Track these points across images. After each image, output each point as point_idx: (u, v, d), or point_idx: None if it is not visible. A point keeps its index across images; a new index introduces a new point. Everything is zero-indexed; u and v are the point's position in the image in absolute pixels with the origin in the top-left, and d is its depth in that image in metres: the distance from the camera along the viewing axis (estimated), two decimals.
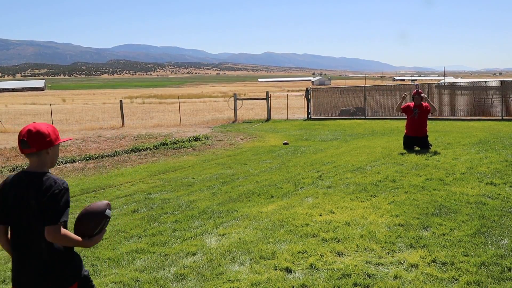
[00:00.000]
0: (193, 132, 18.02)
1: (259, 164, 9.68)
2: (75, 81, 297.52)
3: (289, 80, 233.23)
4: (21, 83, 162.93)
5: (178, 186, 7.79)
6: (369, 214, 5.24)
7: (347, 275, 3.62)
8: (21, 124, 24.52)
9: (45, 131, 2.41)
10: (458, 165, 7.72)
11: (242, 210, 5.78)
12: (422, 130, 9.72)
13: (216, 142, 14.49)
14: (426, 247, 4.12)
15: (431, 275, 3.56)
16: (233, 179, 8.11)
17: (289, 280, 3.61)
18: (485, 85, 26.77)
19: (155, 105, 44.59)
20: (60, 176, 9.70)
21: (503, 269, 3.59)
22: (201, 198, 6.72)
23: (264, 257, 4.10)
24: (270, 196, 6.51)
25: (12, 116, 30.44)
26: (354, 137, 14.26)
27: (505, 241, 4.19)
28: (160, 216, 5.82)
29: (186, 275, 3.83)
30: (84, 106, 44.67)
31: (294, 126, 19.22)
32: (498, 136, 11.70)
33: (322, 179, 7.38)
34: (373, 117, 21.99)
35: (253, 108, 29.99)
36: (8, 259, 4.68)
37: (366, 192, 6.27)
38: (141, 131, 18.76)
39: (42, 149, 2.40)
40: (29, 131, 2.37)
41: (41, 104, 50.73)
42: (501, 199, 5.57)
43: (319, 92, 25.51)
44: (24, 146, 2.38)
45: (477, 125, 16.24)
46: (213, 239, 4.73)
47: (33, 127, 2.39)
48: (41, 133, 2.39)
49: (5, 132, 20.51)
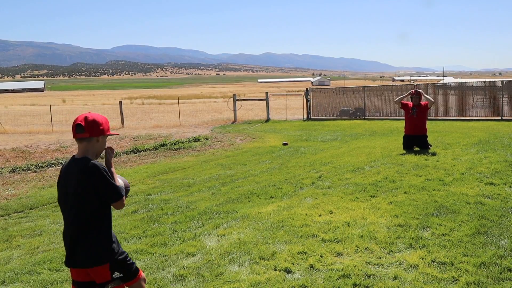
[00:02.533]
0: (192, 132, 18.02)
1: (259, 164, 9.68)
2: (75, 82, 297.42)
3: (288, 80, 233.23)
4: (21, 84, 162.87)
5: (178, 187, 7.79)
6: (369, 214, 5.24)
7: (347, 276, 3.62)
8: (20, 125, 24.52)
9: (99, 120, 2.65)
10: (458, 165, 7.72)
11: (241, 211, 5.77)
12: (421, 129, 9.71)
13: (215, 142, 14.49)
14: (426, 248, 4.11)
15: (430, 276, 3.56)
16: (232, 179, 8.10)
17: (288, 281, 3.61)
18: (484, 85, 26.78)
19: (155, 106, 44.60)
20: None
21: (502, 269, 3.59)
22: (200, 199, 6.72)
23: (264, 257, 4.10)
24: (270, 197, 6.51)
25: (12, 117, 30.42)
26: (353, 137, 14.26)
27: (504, 241, 4.19)
28: (159, 217, 5.82)
29: (185, 275, 3.82)
30: (83, 107, 44.64)
31: (294, 127, 19.22)
32: (498, 136, 11.71)
33: (321, 180, 7.38)
34: (372, 118, 21.99)
35: (252, 108, 29.99)
36: (8, 260, 4.68)
37: (365, 193, 6.27)
38: (141, 132, 18.75)
39: (93, 136, 2.62)
40: (86, 117, 2.62)
41: (40, 105, 50.72)
42: (501, 199, 5.57)
43: (318, 92, 25.50)
44: (78, 131, 2.61)
45: (477, 125, 16.25)
46: (213, 239, 4.72)
47: (90, 115, 2.64)
48: (96, 121, 2.63)
49: (5, 133, 20.50)
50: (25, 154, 13.23)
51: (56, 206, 7.03)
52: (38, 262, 4.42)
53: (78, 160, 2.62)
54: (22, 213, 6.80)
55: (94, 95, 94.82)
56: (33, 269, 4.24)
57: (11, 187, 8.77)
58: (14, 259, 4.67)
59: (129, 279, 2.77)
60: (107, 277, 2.68)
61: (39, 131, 20.87)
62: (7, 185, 8.99)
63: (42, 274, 4.11)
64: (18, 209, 7.00)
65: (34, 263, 4.39)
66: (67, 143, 15.77)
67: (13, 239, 5.44)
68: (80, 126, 2.59)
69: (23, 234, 5.62)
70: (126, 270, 2.75)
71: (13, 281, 4.00)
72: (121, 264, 2.73)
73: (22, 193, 8.16)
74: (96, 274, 2.66)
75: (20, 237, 5.52)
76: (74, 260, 2.66)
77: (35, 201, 7.38)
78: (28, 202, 7.34)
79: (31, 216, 6.52)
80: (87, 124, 2.60)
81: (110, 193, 2.60)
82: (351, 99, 24.40)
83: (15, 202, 7.42)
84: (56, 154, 13.02)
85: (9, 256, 4.80)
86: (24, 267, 4.30)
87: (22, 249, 5.04)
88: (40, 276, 4.06)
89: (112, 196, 2.61)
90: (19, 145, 15.58)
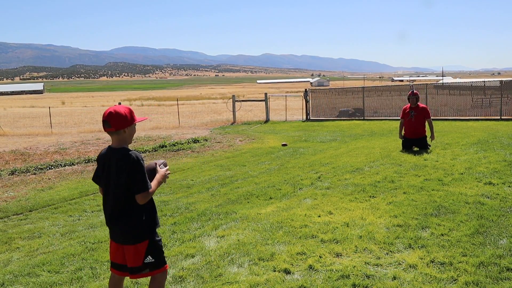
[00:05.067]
0: (192, 134, 18.02)
1: (258, 165, 9.69)
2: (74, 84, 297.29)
3: (287, 81, 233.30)
4: (20, 86, 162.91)
5: (177, 188, 7.79)
6: (368, 215, 5.24)
7: (346, 276, 3.62)
8: (20, 127, 24.51)
9: (122, 113, 2.82)
10: (457, 165, 7.73)
11: (241, 212, 5.78)
12: (419, 131, 9.68)
13: (215, 143, 14.50)
14: (425, 248, 4.12)
15: (429, 276, 3.56)
16: (232, 180, 8.11)
17: (287, 282, 3.61)
18: (483, 85, 26.80)
19: (154, 107, 44.60)
20: (59, 179, 9.70)
21: (501, 269, 3.59)
22: (200, 200, 6.72)
23: (263, 258, 4.10)
24: (269, 198, 6.51)
25: (11, 119, 30.42)
26: (352, 138, 14.27)
27: (503, 241, 4.19)
28: (159, 218, 5.81)
29: (185, 277, 3.82)
30: (83, 109, 44.64)
31: (293, 128, 19.23)
32: (497, 136, 11.71)
33: (321, 180, 7.38)
34: (371, 118, 22.01)
35: (252, 109, 30.00)
36: (7, 262, 4.67)
37: (364, 193, 6.27)
38: (140, 133, 18.75)
39: (119, 129, 2.83)
40: (110, 113, 2.81)
41: (40, 107, 50.71)
42: (500, 199, 5.57)
43: (317, 93, 25.52)
44: (106, 126, 2.83)
45: (476, 125, 16.26)
46: (212, 241, 4.72)
47: (114, 110, 2.82)
48: (119, 115, 2.81)
49: (4, 135, 20.49)
50: (24, 156, 13.23)
51: (56, 208, 7.03)
52: (37, 264, 4.42)
53: (116, 150, 2.86)
54: (21, 215, 6.80)
55: (93, 96, 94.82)
56: (32, 271, 4.24)
57: (11, 189, 8.77)
58: (13, 261, 4.66)
59: (159, 266, 2.93)
60: (140, 260, 2.85)
61: (38, 133, 20.86)
62: (6, 187, 8.99)
63: (42, 276, 4.10)
64: (17, 211, 7.00)
65: (33, 265, 4.39)
66: (66, 145, 15.77)
67: (13, 241, 5.44)
68: (106, 122, 2.81)
69: (22, 236, 5.62)
70: (158, 255, 2.92)
71: (13, 283, 4.00)
72: (157, 247, 2.92)
73: (21, 195, 8.16)
74: (130, 253, 2.85)
75: (20, 239, 5.51)
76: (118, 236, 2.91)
77: (35, 203, 7.38)
78: (27, 204, 7.34)
79: (30, 218, 6.52)
80: (112, 119, 2.80)
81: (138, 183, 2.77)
82: (350, 99, 24.43)
83: (15, 204, 7.42)
84: (55, 156, 13.02)
85: (8, 258, 4.80)
86: (24, 269, 4.29)
87: (22, 251, 5.04)
88: (40, 278, 4.05)
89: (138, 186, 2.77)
90: (18, 147, 15.58)
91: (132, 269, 2.88)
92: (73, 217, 6.47)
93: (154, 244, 2.90)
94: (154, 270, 2.91)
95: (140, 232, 2.86)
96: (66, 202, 7.40)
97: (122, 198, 2.83)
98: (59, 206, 7.13)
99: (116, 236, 2.91)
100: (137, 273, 2.89)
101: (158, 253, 2.92)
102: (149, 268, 2.89)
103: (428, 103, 20.28)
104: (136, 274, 2.90)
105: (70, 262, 4.40)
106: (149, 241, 2.88)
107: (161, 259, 2.95)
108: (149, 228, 2.91)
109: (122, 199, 2.83)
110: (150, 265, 2.88)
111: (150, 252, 2.88)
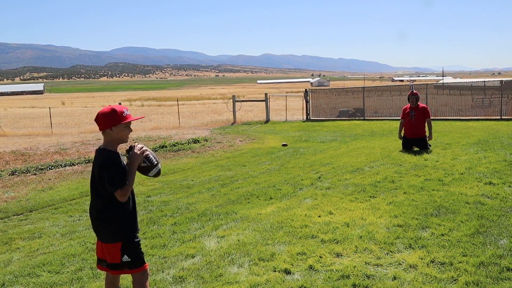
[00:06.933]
0: (192, 134, 18.03)
1: (258, 165, 9.69)
2: (74, 84, 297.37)
3: (288, 81, 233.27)
4: (20, 87, 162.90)
5: (177, 189, 7.80)
6: (368, 215, 5.24)
7: (346, 276, 3.62)
8: (20, 127, 24.52)
9: (106, 113, 2.86)
10: (457, 165, 7.73)
11: (241, 212, 5.78)
12: (419, 131, 9.69)
13: (215, 144, 14.50)
14: (425, 248, 4.12)
15: (430, 276, 3.56)
16: (232, 181, 8.11)
17: (288, 282, 3.61)
18: (484, 85, 26.79)
19: (154, 108, 44.58)
20: (59, 179, 9.70)
21: (501, 269, 3.59)
22: (200, 200, 6.72)
23: (263, 258, 4.10)
24: (269, 198, 6.51)
25: (11, 120, 30.43)
26: (353, 138, 14.27)
27: (503, 241, 4.19)
28: (159, 218, 5.82)
29: (185, 277, 3.82)
30: (83, 109, 44.64)
31: (293, 128, 19.23)
32: (497, 136, 11.71)
33: (321, 180, 7.38)
34: (372, 118, 22.01)
35: (252, 109, 29.99)
36: (8, 262, 4.68)
37: (365, 193, 6.28)
38: (140, 134, 18.76)
39: (105, 129, 2.88)
40: (97, 114, 2.89)
41: (40, 108, 50.72)
42: (500, 199, 5.57)
43: (318, 93, 25.52)
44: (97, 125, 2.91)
45: (476, 125, 16.26)
46: (212, 241, 4.72)
47: (100, 110, 2.90)
48: (104, 115, 2.86)
49: (4, 135, 20.50)
50: (25, 157, 13.23)
51: (56, 209, 7.04)
52: (37, 264, 4.42)
53: (99, 150, 2.94)
54: (21, 215, 6.80)
55: (94, 97, 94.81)
56: (32, 271, 4.24)
57: (11, 190, 8.77)
58: (13, 262, 4.67)
59: (136, 266, 2.97)
60: (117, 258, 2.92)
61: (39, 134, 20.87)
62: (6, 188, 8.99)
63: (42, 276, 4.11)
64: (17, 211, 7.00)
65: (33, 266, 4.39)
66: (67, 145, 15.77)
67: (13, 241, 5.44)
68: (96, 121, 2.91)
69: (22, 236, 5.62)
70: (135, 255, 2.96)
71: (13, 284, 4.00)
72: (132, 248, 2.95)
73: (21, 196, 8.16)
74: (108, 250, 2.93)
75: (20, 239, 5.52)
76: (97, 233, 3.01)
77: (35, 204, 7.38)
78: (28, 205, 7.34)
79: (30, 219, 6.52)
80: (97, 120, 2.89)
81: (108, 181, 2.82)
82: (350, 99, 24.42)
83: (15, 205, 7.42)
84: (55, 157, 13.02)
85: (8, 258, 4.80)
86: (24, 270, 4.30)
87: (22, 251, 5.04)
88: (40, 278, 4.06)
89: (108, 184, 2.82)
90: (18, 147, 15.59)
91: (111, 265, 2.97)
92: (74, 217, 6.47)
93: (129, 245, 2.95)
94: (132, 269, 2.98)
95: (114, 233, 2.92)
96: (66, 202, 7.40)
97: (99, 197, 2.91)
98: (59, 207, 7.13)
99: (97, 233, 3.01)
100: (116, 270, 2.98)
101: (134, 253, 2.97)
102: (127, 267, 2.96)
103: (428, 103, 20.27)
104: (115, 270, 2.99)
105: (70, 263, 4.40)
106: (123, 242, 2.93)
107: (139, 259, 2.99)
108: (124, 232, 2.95)
109: (99, 198, 2.91)
110: (127, 264, 2.95)
111: (125, 252, 2.93)
